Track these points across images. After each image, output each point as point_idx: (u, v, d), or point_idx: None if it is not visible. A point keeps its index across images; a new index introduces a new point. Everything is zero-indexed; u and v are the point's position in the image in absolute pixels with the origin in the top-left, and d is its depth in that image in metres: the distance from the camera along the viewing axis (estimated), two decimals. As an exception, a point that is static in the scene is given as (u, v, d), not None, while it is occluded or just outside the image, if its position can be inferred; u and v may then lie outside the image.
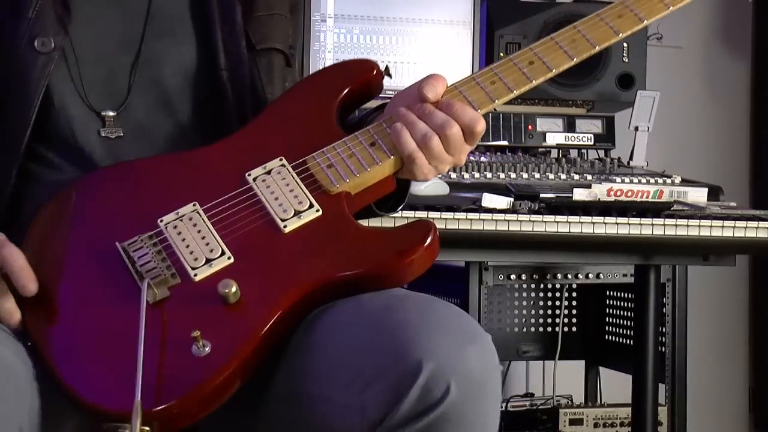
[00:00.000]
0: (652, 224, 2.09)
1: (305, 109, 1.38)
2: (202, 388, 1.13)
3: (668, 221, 2.09)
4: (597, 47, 1.45)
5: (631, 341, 2.69)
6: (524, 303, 3.03)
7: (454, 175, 2.23)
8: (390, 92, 2.65)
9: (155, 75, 1.38)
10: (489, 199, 2.00)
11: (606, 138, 2.68)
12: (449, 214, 1.99)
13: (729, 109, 3.63)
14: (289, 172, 1.30)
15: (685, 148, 3.49)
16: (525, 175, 2.32)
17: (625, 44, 2.72)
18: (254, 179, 1.30)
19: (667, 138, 3.27)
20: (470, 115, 1.29)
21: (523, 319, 3.02)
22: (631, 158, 2.59)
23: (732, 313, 3.62)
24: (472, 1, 2.69)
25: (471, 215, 2.00)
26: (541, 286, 3.02)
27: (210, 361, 1.13)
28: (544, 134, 2.63)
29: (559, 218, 2.04)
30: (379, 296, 1.22)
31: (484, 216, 2.00)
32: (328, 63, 2.63)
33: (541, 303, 3.03)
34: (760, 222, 2.13)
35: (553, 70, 1.43)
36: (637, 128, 2.58)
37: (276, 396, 1.24)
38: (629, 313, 2.85)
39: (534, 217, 2.02)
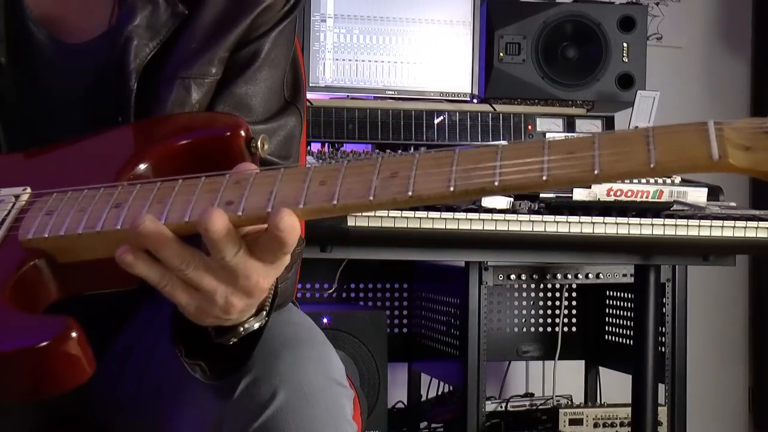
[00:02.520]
0: (652, 224, 2.09)
1: (108, 147, 1.06)
2: None
3: (668, 221, 2.09)
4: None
5: (631, 341, 2.69)
6: (524, 303, 3.03)
7: (454, 175, 2.23)
8: (390, 92, 2.68)
9: None
10: (489, 199, 2.00)
11: (606, 138, 2.68)
12: (449, 214, 1.99)
13: (729, 109, 3.63)
14: (12, 204, 0.98)
15: (685, 148, 3.49)
16: (525, 175, 2.32)
17: (625, 44, 2.72)
18: None
19: (667, 138, 3.26)
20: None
21: (523, 319, 3.02)
22: (631, 158, 2.59)
23: (732, 313, 3.62)
24: (472, 1, 2.69)
25: (471, 215, 2.00)
26: (541, 286, 3.02)
27: None
28: (544, 134, 2.63)
29: (559, 218, 2.04)
30: None
31: (483, 216, 2.00)
32: (328, 63, 2.63)
33: (541, 303, 3.04)
34: (760, 222, 2.13)
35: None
36: (636, 128, 2.57)
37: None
38: (629, 313, 2.85)
39: (534, 217, 2.02)
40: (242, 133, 0.99)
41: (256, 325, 0.96)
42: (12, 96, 1.16)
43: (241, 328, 0.95)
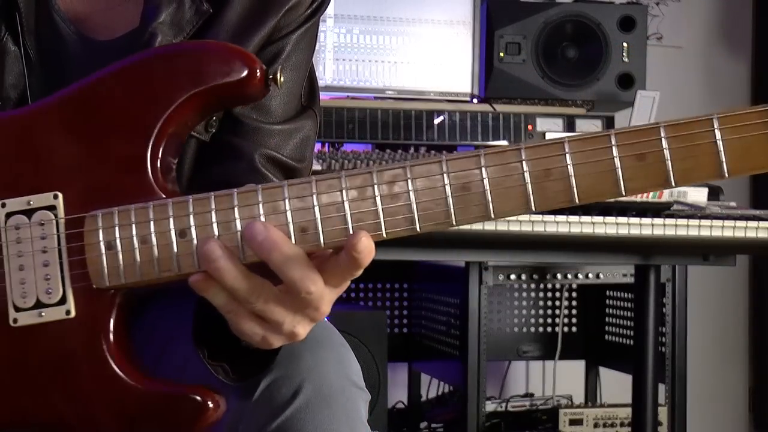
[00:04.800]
0: (652, 224, 2.08)
1: (122, 114, 0.94)
2: None
3: (668, 221, 2.09)
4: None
5: (631, 341, 2.69)
6: (524, 303, 3.03)
7: (454, 175, 2.23)
8: (390, 92, 2.68)
9: None
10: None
11: (606, 138, 2.68)
12: (449, 214, 1.99)
13: (729, 109, 3.63)
14: (56, 230, 0.91)
15: (685, 148, 3.49)
16: (525, 175, 2.32)
17: (625, 44, 2.72)
18: (7, 219, 0.92)
19: (667, 138, 3.27)
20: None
21: (523, 319, 3.02)
22: (631, 158, 2.59)
23: (732, 313, 3.62)
24: (472, 1, 2.69)
25: (471, 215, 1.99)
26: (541, 286, 3.02)
27: None
28: (544, 134, 2.63)
29: (559, 218, 2.04)
30: None
31: (484, 216, 2.00)
32: (328, 63, 2.63)
33: (541, 303, 3.04)
34: (760, 222, 2.13)
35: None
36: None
37: None
38: (629, 313, 2.85)
39: (534, 217, 2.02)
40: (258, 73, 0.94)
41: None
42: (40, 90, 1.15)
43: None
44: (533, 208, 0.83)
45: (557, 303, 3.03)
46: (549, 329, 3.02)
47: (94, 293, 0.89)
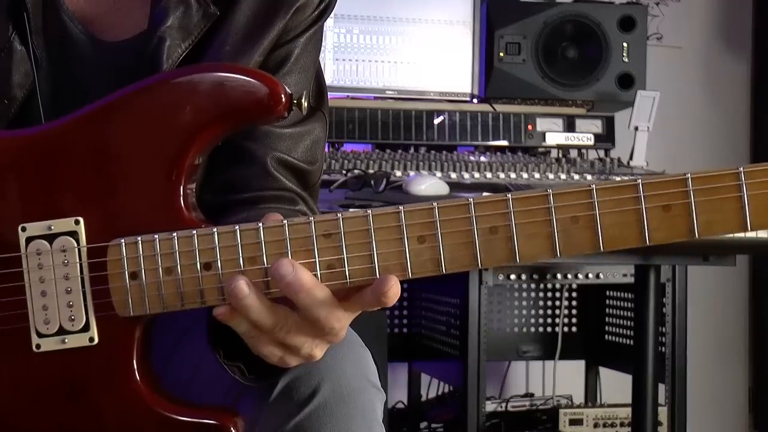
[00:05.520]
0: (652, 224, 2.08)
1: (146, 139, 0.93)
2: None
3: (668, 221, 2.09)
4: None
5: (631, 341, 2.69)
6: (524, 303, 3.03)
7: (454, 175, 2.23)
8: (390, 92, 2.68)
9: None
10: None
11: (606, 138, 2.68)
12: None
13: (729, 109, 3.63)
14: (79, 257, 0.90)
15: (685, 148, 3.49)
16: (525, 175, 2.32)
17: (625, 44, 2.72)
18: (28, 243, 0.91)
19: (667, 138, 3.27)
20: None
21: (523, 319, 3.02)
22: (631, 158, 2.59)
23: (732, 313, 3.62)
24: (472, 1, 2.69)
25: (471, 215, 1.99)
26: (541, 286, 3.02)
27: None
28: (544, 134, 2.63)
29: (559, 218, 2.03)
30: None
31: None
32: (328, 63, 2.63)
33: (541, 303, 3.03)
34: (760, 222, 2.13)
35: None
36: (636, 128, 2.58)
37: None
38: (629, 313, 2.85)
39: (534, 217, 2.02)
40: (283, 98, 0.94)
41: None
42: (49, 90, 1.16)
43: None
44: (558, 255, 0.85)
45: (557, 303, 3.03)
46: (549, 329, 3.02)
47: (117, 321, 0.90)
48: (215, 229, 0.88)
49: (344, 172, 2.25)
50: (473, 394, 2.42)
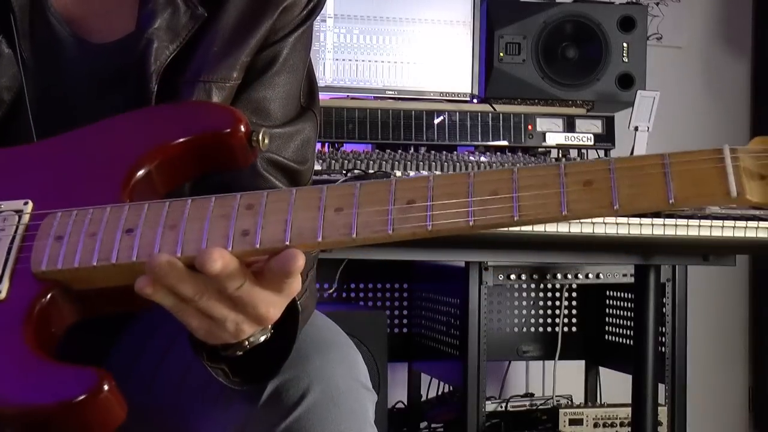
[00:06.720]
0: (652, 224, 2.09)
1: (107, 148, 1.02)
2: None
3: (668, 221, 2.09)
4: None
5: (631, 341, 2.69)
6: (524, 303, 3.03)
7: (454, 175, 2.23)
8: (390, 92, 2.68)
9: None
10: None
11: (606, 138, 2.68)
12: (449, 214, 1.98)
13: (729, 109, 3.63)
14: (16, 225, 0.96)
15: (685, 148, 3.49)
16: (525, 175, 2.32)
17: (625, 44, 2.72)
18: None
19: (667, 138, 3.27)
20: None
21: (523, 319, 3.02)
22: (631, 158, 2.59)
23: (732, 313, 3.62)
24: (472, 1, 2.69)
25: (471, 215, 1.99)
26: (541, 286, 3.02)
27: None
28: (544, 134, 2.63)
29: (558, 218, 2.03)
30: None
31: (484, 216, 2.00)
32: (328, 63, 2.63)
33: (541, 303, 3.04)
34: (760, 222, 2.13)
35: None
36: (636, 128, 2.58)
37: (148, 407, 1.20)
38: (629, 313, 2.85)
39: (534, 217, 2.02)
40: (242, 128, 0.98)
41: (262, 338, 0.96)
42: (36, 92, 1.16)
43: (246, 342, 0.95)
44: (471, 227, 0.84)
45: (557, 303, 3.03)
46: (549, 329, 3.02)
47: (30, 280, 0.92)
48: (147, 204, 0.92)
49: (344, 172, 2.25)
50: (473, 394, 2.42)
